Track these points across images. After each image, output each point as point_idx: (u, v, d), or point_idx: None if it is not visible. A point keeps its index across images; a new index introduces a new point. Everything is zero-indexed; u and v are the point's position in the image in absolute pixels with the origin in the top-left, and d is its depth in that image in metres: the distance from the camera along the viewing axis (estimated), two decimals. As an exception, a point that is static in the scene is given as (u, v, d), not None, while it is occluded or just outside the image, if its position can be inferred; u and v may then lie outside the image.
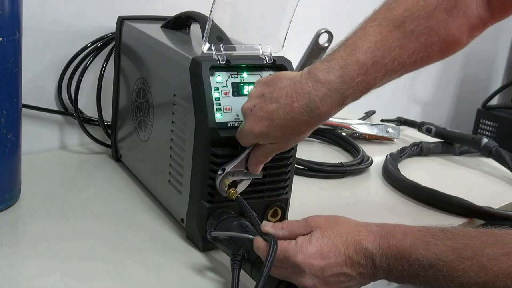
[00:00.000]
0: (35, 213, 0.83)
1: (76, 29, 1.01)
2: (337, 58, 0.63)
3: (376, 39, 0.63)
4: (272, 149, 0.70)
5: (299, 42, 1.37)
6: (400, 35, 0.63)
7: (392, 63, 0.63)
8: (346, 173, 1.07)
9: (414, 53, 0.64)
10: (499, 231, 0.57)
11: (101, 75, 1.01)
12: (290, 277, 0.63)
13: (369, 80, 0.63)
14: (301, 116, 0.63)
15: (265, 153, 0.70)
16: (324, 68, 0.63)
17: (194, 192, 0.76)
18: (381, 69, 0.63)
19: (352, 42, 0.63)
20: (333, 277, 0.61)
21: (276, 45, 0.79)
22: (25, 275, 0.69)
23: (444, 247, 0.57)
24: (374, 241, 0.61)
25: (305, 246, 0.62)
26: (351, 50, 0.63)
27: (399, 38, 0.63)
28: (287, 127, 0.64)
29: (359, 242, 0.62)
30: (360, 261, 0.61)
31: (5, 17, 0.74)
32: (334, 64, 0.62)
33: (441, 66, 1.88)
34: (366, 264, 0.61)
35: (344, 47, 0.64)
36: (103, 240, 0.78)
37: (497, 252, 0.54)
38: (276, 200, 0.79)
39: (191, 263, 0.74)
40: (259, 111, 0.66)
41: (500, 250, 0.54)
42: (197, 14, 0.87)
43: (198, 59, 0.74)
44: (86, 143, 1.07)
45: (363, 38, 0.63)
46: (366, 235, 0.62)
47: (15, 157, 0.82)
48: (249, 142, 0.70)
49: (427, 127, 1.27)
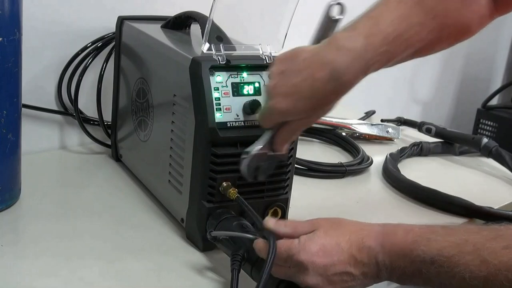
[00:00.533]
0: (35, 213, 0.83)
1: (76, 29, 1.01)
2: (360, 28, 0.62)
3: (399, 13, 0.63)
4: (300, 125, 0.68)
5: (299, 42, 1.37)
6: (421, 12, 0.63)
7: (412, 38, 0.63)
8: (346, 173, 1.07)
9: (430, 33, 0.64)
10: (499, 226, 0.57)
11: (101, 75, 1.01)
12: (293, 275, 0.63)
13: (392, 51, 0.63)
14: (326, 86, 0.61)
15: (293, 130, 0.68)
16: (346, 36, 0.62)
17: (194, 192, 0.76)
18: (402, 43, 0.63)
19: (375, 14, 0.63)
20: (337, 276, 0.61)
21: (276, 45, 0.79)
22: (25, 275, 0.69)
23: (445, 243, 0.57)
24: (377, 240, 0.61)
25: (308, 245, 0.62)
26: (375, 21, 0.62)
27: (419, 15, 0.63)
28: (313, 98, 0.63)
29: (362, 240, 0.62)
30: (363, 260, 0.61)
31: (5, 17, 0.74)
32: (357, 33, 0.62)
33: (441, 66, 1.88)
34: (369, 263, 0.61)
35: (367, 18, 0.63)
36: (103, 240, 0.78)
37: (498, 245, 0.54)
38: (276, 200, 0.79)
39: (191, 263, 0.74)
40: (282, 87, 0.64)
41: (500, 243, 0.54)
42: (197, 14, 0.87)
43: (198, 59, 0.74)
44: (86, 143, 1.07)
45: (386, 11, 0.63)
46: (369, 234, 0.62)
47: (15, 157, 0.82)
48: (275, 120, 0.67)
49: (427, 127, 1.27)
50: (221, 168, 0.74)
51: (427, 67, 1.83)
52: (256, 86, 0.76)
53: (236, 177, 0.74)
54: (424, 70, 1.83)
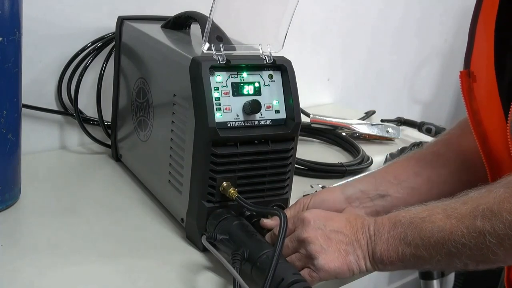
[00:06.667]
0: (35, 213, 0.83)
1: (76, 29, 1.01)
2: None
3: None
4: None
5: (299, 42, 1.37)
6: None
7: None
8: (346, 173, 1.07)
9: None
10: (464, 193, 0.67)
11: (101, 75, 1.01)
12: (297, 233, 0.70)
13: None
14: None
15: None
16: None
17: (194, 192, 0.76)
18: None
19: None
20: (333, 234, 0.69)
21: (276, 45, 0.79)
22: (25, 275, 0.69)
23: (420, 209, 0.68)
24: (371, 217, 0.71)
25: (312, 209, 0.74)
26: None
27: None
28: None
29: (359, 216, 0.73)
30: (358, 226, 0.70)
31: (5, 17, 0.74)
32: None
33: (441, 66, 1.88)
34: (363, 229, 0.69)
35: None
36: (103, 239, 0.78)
37: (458, 203, 0.65)
38: (276, 200, 0.79)
39: (191, 263, 0.74)
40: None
41: (460, 201, 0.65)
42: (197, 14, 0.87)
43: (198, 59, 0.74)
44: (86, 143, 1.07)
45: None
46: (365, 216, 0.73)
47: (15, 157, 0.82)
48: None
49: (427, 127, 1.27)
50: (221, 168, 0.74)
51: (427, 67, 1.83)
52: (256, 86, 0.76)
53: (236, 177, 0.74)
54: (424, 70, 1.83)
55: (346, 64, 1.56)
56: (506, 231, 0.59)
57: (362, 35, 1.57)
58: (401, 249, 0.66)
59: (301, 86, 0.79)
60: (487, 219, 0.60)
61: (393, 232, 0.67)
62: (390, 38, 1.65)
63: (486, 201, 0.61)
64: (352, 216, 0.72)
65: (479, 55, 0.75)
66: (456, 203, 0.65)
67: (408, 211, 0.68)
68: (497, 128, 0.72)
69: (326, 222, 0.70)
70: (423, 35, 1.76)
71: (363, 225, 0.69)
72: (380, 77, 1.69)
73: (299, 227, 0.71)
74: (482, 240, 0.60)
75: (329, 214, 0.72)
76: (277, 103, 0.77)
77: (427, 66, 1.83)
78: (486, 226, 0.60)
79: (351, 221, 0.70)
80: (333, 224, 0.70)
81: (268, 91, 0.77)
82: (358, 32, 1.55)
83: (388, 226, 0.67)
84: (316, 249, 0.68)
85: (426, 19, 1.74)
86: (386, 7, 1.59)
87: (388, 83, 1.73)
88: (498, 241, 0.59)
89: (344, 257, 0.68)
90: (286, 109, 0.78)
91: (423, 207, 0.68)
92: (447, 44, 1.82)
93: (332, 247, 0.68)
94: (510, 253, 0.61)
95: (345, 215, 0.73)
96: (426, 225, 0.65)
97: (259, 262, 0.67)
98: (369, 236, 0.68)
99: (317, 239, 0.68)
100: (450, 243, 0.62)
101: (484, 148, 0.76)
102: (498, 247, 0.60)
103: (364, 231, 0.69)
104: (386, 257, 0.67)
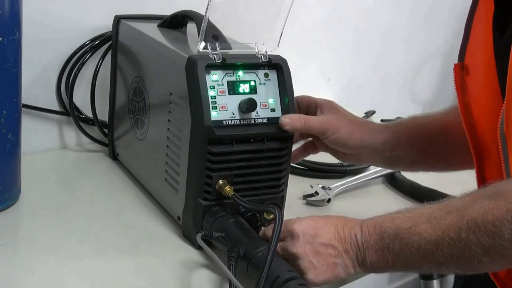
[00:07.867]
0: (35, 213, 0.83)
1: (75, 28, 1.01)
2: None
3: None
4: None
5: (294, 41, 1.37)
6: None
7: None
8: (346, 173, 1.07)
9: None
10: (447, 199, 0.67)
11: (95, 74, 1.00)
12: (288, 246, 0.70)
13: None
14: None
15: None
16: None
17: (190, 190, 0.76)
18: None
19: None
20: (323, 247, 0.69)
21: (272, 43, 0.79)
22: (25, 275, 0.69)
23: (404, 219, 0.67)
24: (357, 224, 0.71)
25: (301, 219, 0.73)
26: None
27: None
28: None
29: (346, 221, 0.72)
30: (346, 236, 0.70)
31: (5, 17, 0.74)
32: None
33: (441, 66, 1.88)
34: (351, 240, 0.69)
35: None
36: (101, 238, 0.78)
37: (442, 213, 0.64)
38: (272, 198, 0.79)
39: (188, 260, 0.75)
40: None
41: (444, 211, 0.65)
42: (193, 13, 0.87)
43: (194, 57, 0.74)
44: (85, 142, 1.07)
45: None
46: (352, 220, 0.72)
47: (15, 157, 0.82)
48: None
49: (427, 126, 1.26)
50: (217, 166, 0.74)
51: (427, 67, 1.83)
52: (252, 85, 0.77)
53: (232, 175, 0.75)
54: (424, 70, 1.83)
55: (346, 64, 1.56)
56: (490, 242, 0.60)
57: (363, 35, 1.57)
58: (391, 259, 0.67)
59: (301, 86, 0.79)
60: (471, 231, 0.61)
61: (381, 243, 0.67)
62: (390, 38, 1.65)
63: (471, 212, 0.62)
64: (340, 223, 0.71)
65: (475, 49, 0.75)
66: (441, 213, 0.65)
67: (392, 220, 0.68)
68: (487, 120, 0.73)
69: (314, 235, 0.70)
70: (423, 35, 1.76)
71: (351, 235, 0.69)
72: (380, 77, 1.69)
73: (288, 240, 0.71)
74: (468, 251, 0.61)
75: (318, 224, 0.71)
76: (273, 102, 0.78)
77: (427, 66, 1.82)
78: (471, 237, 0.61)
79: (339, 231, 0.70)
80: (322, 236, 0.70)
81: (264, 89, 0.77)
82: (358, 32, 1.55)
83: (375, 238, 0.68)
84: (305, 265, 0.69)
85: (426, 19, 1.74)
86: (386, 7, 1.59)
87: (388, 83, 1.73)
88: (483, 252, 0.61)
89: (333, 269, 0.69)
90: (281, 107, 0.78)
91: (407, 215, 0.68)
92: (447, 44, 1.82)
93: (321, 262, 0.69)
94: (495, 262, 0.62)
95: (333, 223, 0.71)
96: (412, 237, 0.65)
97: (255, 260, 0.67)
98: (357, 247, 0.69)
99: (306, 255, 0.69)
100: (438, 253, 0.63)
101: (472, 138, 0.77)
102: (483, 256, 0.61)
103: (352, 242, 0.69)
104: (377, 265, 0.68)
